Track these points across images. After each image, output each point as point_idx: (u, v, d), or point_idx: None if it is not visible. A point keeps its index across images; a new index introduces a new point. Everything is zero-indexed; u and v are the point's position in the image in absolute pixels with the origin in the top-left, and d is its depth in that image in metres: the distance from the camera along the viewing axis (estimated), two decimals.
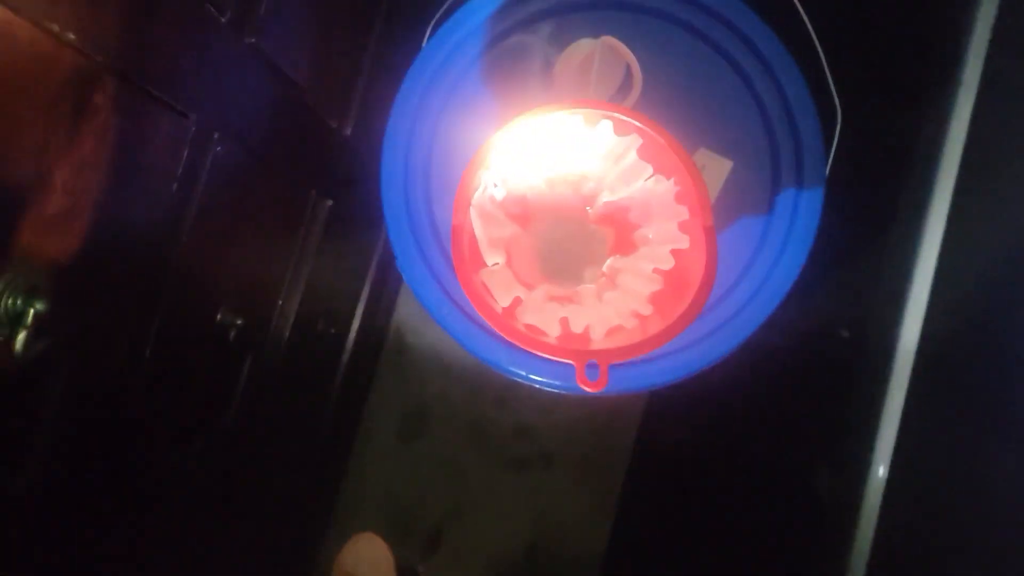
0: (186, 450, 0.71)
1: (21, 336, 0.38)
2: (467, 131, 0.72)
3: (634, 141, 0.56)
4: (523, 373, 0.68)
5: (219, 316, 0.69)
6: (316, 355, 0.99)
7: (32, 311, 0.38)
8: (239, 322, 0.72)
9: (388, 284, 1.13)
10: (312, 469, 1.07)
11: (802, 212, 0.70)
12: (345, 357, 1.07)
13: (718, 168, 0.75)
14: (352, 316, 1.06)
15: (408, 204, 0.71)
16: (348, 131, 0.90)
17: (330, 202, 0.89)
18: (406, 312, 1.16)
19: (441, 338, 1.11)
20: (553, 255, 0.63)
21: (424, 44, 0.76)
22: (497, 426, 1.12)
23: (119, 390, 0.55)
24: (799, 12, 0.74)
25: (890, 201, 0.86)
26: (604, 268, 0.62)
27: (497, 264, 0.57)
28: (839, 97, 0.77)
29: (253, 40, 0.64)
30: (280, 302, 0.85)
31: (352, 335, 1.07)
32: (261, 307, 0.81)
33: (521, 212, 0.62)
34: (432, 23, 0.77)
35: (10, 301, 0.38)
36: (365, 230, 1.06)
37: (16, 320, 0.38)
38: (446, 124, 0.73)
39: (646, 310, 0.55)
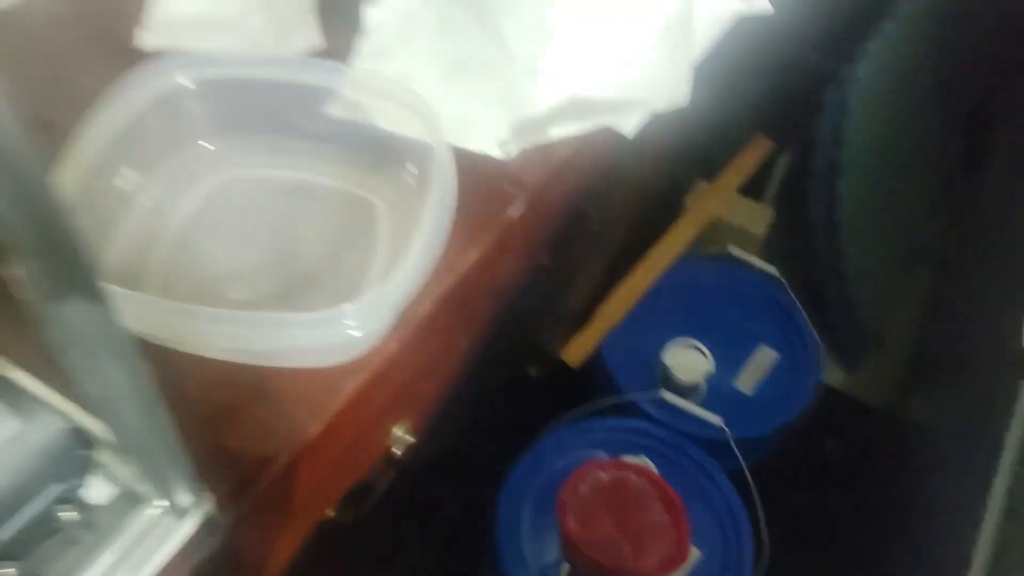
0: None
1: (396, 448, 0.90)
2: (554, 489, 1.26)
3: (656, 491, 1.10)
4: None
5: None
6: None
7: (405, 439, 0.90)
8: None
9: None
10: None
11: None
12: None
13: (691, 555, 1.25)
14: None
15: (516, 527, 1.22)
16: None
17: None
18: None
19: None
20: None
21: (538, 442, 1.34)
22: None
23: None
24: (749, 481, 1.31)
25: None
26: None
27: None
28: (769, 542, 1.29)
29: None
30: None
31: None
32: None
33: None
34: (548, 429, 1.36)
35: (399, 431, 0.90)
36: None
37: (398, 440, 0.90)
38: (540, 494, 1.28)
39: None
